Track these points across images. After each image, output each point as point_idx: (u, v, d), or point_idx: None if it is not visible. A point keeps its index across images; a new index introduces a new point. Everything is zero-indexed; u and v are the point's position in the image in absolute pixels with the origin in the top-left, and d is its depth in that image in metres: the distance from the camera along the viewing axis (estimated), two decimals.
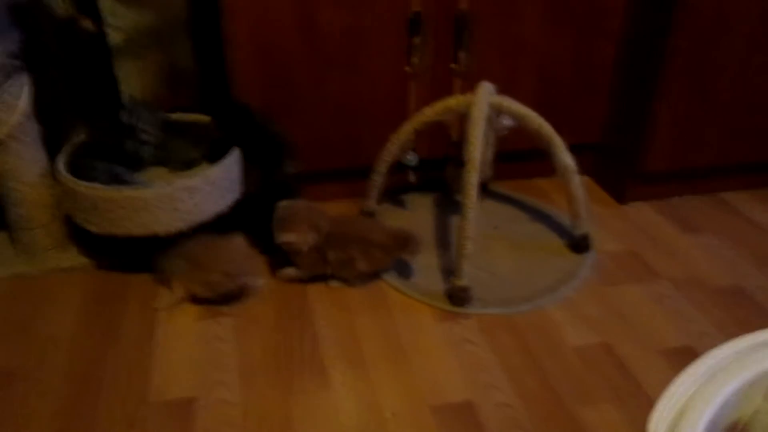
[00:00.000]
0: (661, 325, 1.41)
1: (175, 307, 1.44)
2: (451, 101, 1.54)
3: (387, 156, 1.64)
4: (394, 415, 1.19)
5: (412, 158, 1.69)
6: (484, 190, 1.84)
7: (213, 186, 1.47)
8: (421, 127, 1.59)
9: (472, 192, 1.40)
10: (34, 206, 1.52)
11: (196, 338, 1.36)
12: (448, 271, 1.54)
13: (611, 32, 1.74)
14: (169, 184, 1.41)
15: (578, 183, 1.56)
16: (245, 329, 1.39)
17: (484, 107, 1.47)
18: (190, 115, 1.73)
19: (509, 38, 1.68)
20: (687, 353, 1.33)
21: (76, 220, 1.50)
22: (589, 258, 1.62)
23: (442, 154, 1.78)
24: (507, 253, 1.64)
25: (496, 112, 1.52)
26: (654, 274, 1.57)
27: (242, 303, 1.46)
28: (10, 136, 1.42)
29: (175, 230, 1.45)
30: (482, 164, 1.45)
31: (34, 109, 1.47)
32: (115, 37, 1.74)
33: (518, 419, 1.18)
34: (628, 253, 1.65)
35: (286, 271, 1.52)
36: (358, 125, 1.72)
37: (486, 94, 1.49)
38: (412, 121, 1.60)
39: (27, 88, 1.43)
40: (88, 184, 1.42)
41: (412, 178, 1.75)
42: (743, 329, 1.37)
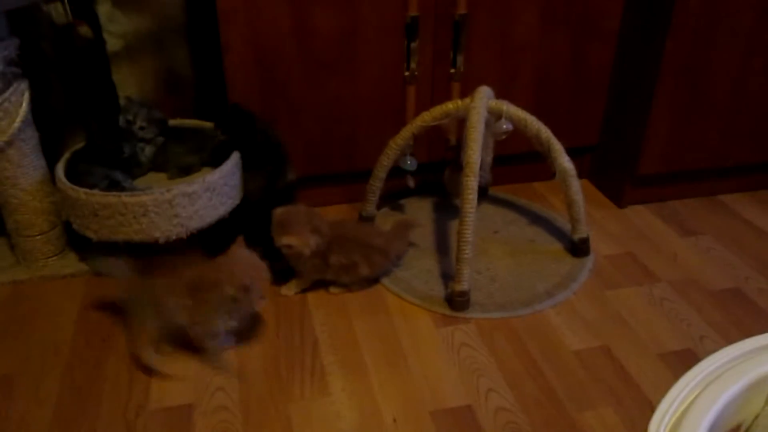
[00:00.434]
0: (661, 328, 1.41)
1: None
2: (450, 105, 1.55)
3: (385, 160, 1.64)
4: (395, 420, 1.19)
5: (410, 163, 1.69)
6: (484, 195, 1.85)
7: (212, 192, 1.47)
8: (419, 131, 1.59)
9: (471, 196, 1.40)
10: (33, 213, 1.52)
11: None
12: (448, 275, 1.55)
13: (608, 35, 1.75)
14: (169, 190, 1.41)
15: (577, 187, 1.56)
16: (245, 335, 1.38)
17: (483, 111, 1.47)
18: (188, 121, 1.74)
19: (507, 42, 1.69)
20: (687, 356, 1.33)
21: (75, 226, 1.50)
22: (588, 261, 1.62)
23: (440, 159, 1.79)
24: (506, 257, 1.64)
25: (495, 116, 1.52)
26: (653, 277, 1.57)
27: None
28: (10, 144, 1.42)
29: (175, 236, 1.45)
30: (481, 168, 1.45)
31: (32, 116, 1.48)
32: (112, 43, 1.74)
33: (518, 424, 1.18)
34: (627, 256, 1.65)
35: (287, 288, 1.51)
36: (356, 130, 1.72)
37: (484, 98, 1.50)
38: (410, 126, 1.60)
39: (26, 95, 1.43)
40: (88, 190, 1.41)
41: (411, 183, 1.75)
42: (743, 331, 1.39)
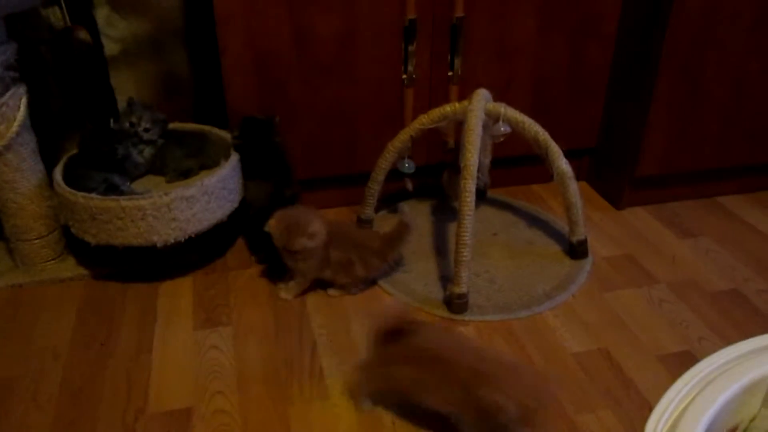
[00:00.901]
0: (660, 330, 1.41)
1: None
2: (447, 108, 1.55)
3: (384, 163, 1.64)
4: (394, 423, 1.18)
5: (408, 165, 1.69)
6: (482, 197, 1.85)
7: (210, 196, 1.47)
8: (417, 134, 1.59)
9: (469, 199, 1.40)
10: (31, 217, 1.52)
11: (194, 348, 1.36)
12: (446, 278, 1.54)
13: (606, 37, 1.75)
14: (167, 194, 1.41)
15: (575, 189, 1.56)
16: (243, 339, 1.39)
17: (481, 114, 1.47)
18: (187, 125, 1.74)
19: (504, 44, 1.69)
20: (685, 358, 1.33)
21: (73, 230, 1.50)
22: (587, 263, 1.62)
23: (438, 161, 1.79)
24: (505, 260, 1.64)
25: (493, 118, 1.52)
26: (652, 279, 1.57)
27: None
28: (8, 148, 1.42)
29: (173, 240, 1.45)
30: (479, 171, 1.45)
31: (30, 120, 1.48)
32: (111, 47, 1.75)
33: None
34: (626, 258, 1.66)
35: (286, 291, 1.51)
36: (354, 133, 1.72)
37: (482, 100, 1.50)
38: (408, 129, 1.60)
39: (24, 99, 1.43)
40: (86, 194, 1.42)
41: (409, 186, 1.75)
42: (742, 333, 1.39)
